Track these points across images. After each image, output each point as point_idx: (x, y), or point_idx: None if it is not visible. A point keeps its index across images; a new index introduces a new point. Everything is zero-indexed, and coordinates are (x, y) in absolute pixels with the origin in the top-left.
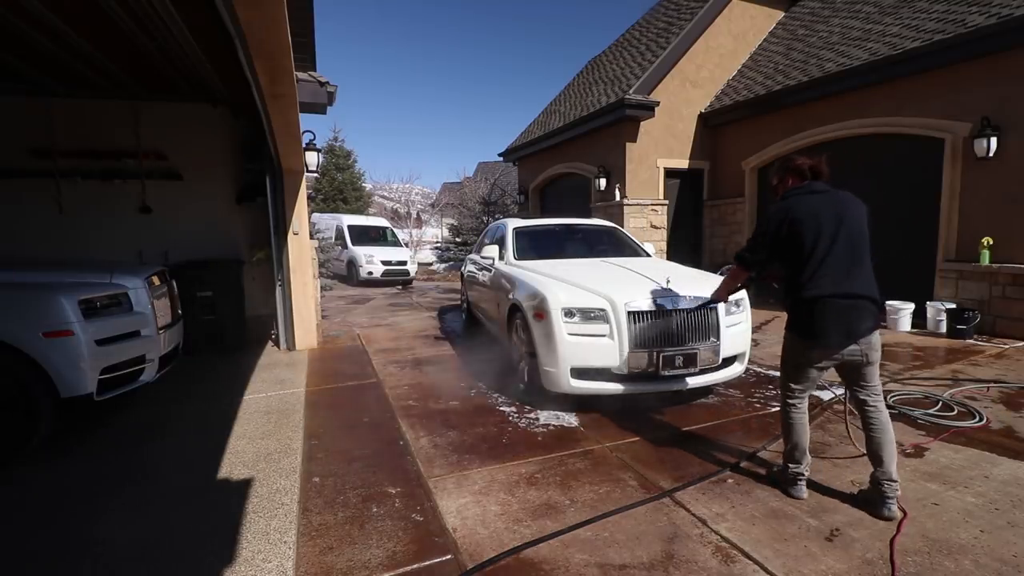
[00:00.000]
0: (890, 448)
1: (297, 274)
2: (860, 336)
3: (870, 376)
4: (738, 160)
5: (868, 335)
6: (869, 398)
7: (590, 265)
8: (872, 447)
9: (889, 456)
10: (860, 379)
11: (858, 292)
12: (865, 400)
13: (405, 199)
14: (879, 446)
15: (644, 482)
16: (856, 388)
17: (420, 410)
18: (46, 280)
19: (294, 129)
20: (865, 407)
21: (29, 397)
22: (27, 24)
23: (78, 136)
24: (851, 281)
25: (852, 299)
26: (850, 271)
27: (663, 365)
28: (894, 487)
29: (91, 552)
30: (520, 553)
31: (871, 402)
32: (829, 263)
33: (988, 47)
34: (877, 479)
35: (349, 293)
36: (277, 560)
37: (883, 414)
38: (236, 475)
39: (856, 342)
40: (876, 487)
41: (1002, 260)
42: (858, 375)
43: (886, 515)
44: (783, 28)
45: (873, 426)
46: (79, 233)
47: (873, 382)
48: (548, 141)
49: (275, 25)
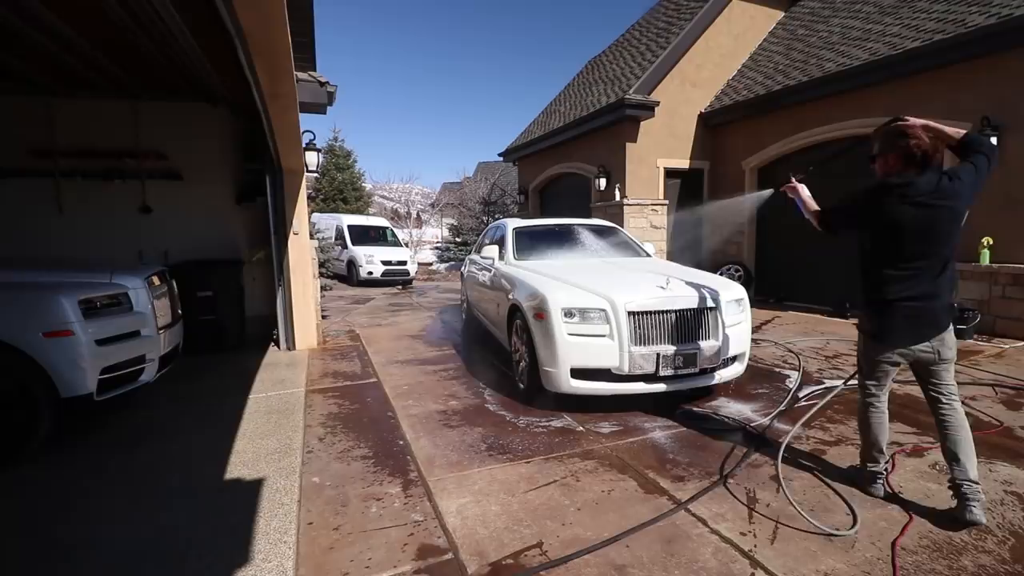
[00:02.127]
0: (966, 447)
1: (297, 274)
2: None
3: (943, 375)
4: (738, 160)
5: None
6: (942, 396)
7: (590, 265)
8: (947, 447)
9: (966, 456)
10: (932, 377)
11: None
12: (938, 398)
13: (405, 199)
14: (955, 445)
15: (644, 482)
16: (929, 387)
17: (420, 410)
18: (46, 280)
19: (294, 129)
20: (938, 405)
21: (29, 397)
22: (27, 24)
23: (78, 136)
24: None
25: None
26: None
27: (663, 365)
28: (975, 488)
29: (91, 552)
30: (524, 554)
31: (944, 400)
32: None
33: (988, 47)
34: (956, 481)
35: (349, 293)
36: (277, 560)
37: (958, 413)
38: (236, 475)
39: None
40: (955, 489)
41: (1002, 260)
42: (930, 373)
43: (968, 519)
44: (783, 28)
45: (947, 424)
46: (79, 233)
47: (947, 381)
48: (548, 141)
49: (275, 25)
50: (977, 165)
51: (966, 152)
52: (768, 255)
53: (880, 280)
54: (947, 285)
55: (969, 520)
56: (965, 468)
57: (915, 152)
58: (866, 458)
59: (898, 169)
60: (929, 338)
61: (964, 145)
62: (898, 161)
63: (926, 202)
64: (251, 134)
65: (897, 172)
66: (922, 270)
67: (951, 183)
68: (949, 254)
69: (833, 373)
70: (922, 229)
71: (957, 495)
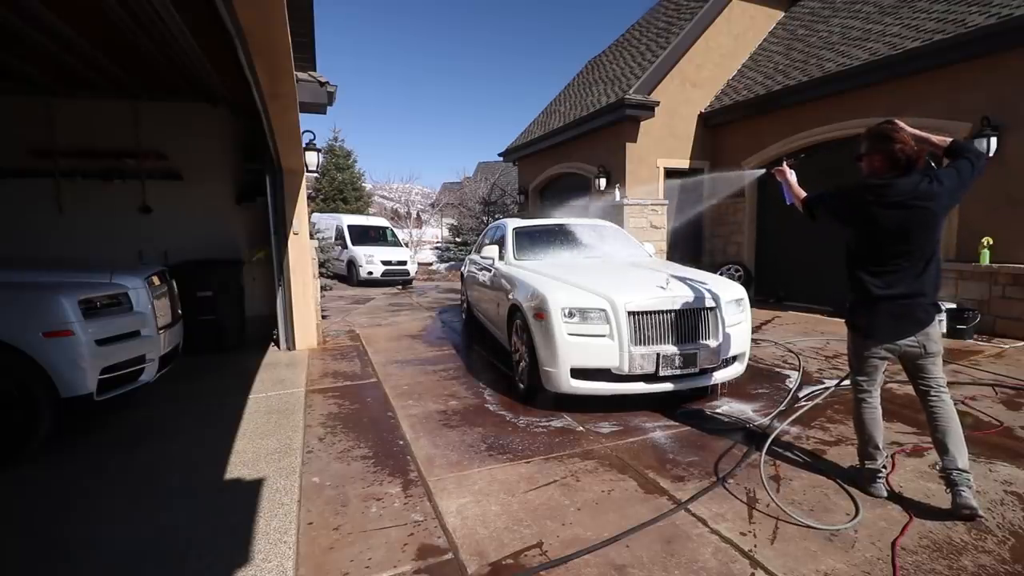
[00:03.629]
0: (955, 438)
1: (297, 274)
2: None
3: (931, 368)
4: (738, 160)
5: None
6: (931, 389)
7: (590, 265)
8: (937, 437)
9: (955, 446)
10: (920, 371)
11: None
12: (927, 391)
13: (405, 199)
14: (944, 435)
15: (644, 482)
16: (919, 380)
17: (420, 410)
18: (46, 280)
19: (294, 129)
20: (928, 398)
21: (29, 397)
22: (27, 24)
23: (78, 136)
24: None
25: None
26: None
27: (663, 365)
28: (964, 476)
29: (91, 552)
30: (525, 554)
31: (932, 392)
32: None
33: (988, 47)
34: (945, 469)
35: (349, 293)
36: (277, 560)
37: (946, 404)
38: (236, 475)
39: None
40: (946, 478)
41: (1002, 260)
42: (917, 368)
43: (959, 502)
44: (783, 28)
45: (936, 415)
46: (79, 233)
47: (935, 374)
48: (548, 141)
49: (275, 25)
50: (959, 169)
51: (952, 157)
52: (768, 255)
53: (864, 278)
54: (931, 282)
55: (960, 504)
56: (954, 458)
57: (899, 156)
58: (863, 455)
59: (882, 170)
60: (914, 333)
61: (950, 151)
62: (883, 163)
63: (904, 203)
64: (251, 134)
65: (881, 173)
66: (904, 268)
67: (931, 186)
68: (931, 253)
69: (833, 373)
70: (899, 229)
71: (948, 483)
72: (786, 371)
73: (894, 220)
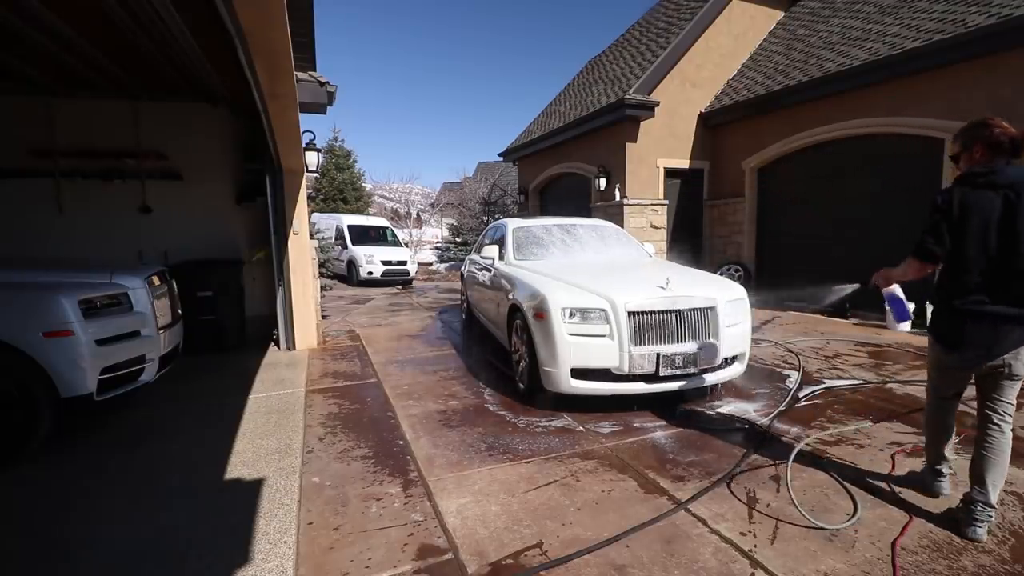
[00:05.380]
0: (997, 474)
1: (297, 274)
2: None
3: (1007, 391)
4: (738, 160)
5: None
6: (994, 415)
7: (590, 265)
8: (979, 464)
9: (993, 482)
10: (994, 391)
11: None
12: (990, 416)
13: (405, 199)
14: (987, 468)
15: (644, 482)
16: (987, 401)
17: (420, 410)
18: (46, 280)
19: (294, 129)
20: (988, 424)
21: (29, 397)
22: (27, 24)
23: (78, 136)
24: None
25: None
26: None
27: (663, 365)
28: (988, 512)
29: (91, 552)
30: (525, 554)
31: (995, 419)
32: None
33: (988, 47)
34: (972, 499)
35: (349, 293)
36: (277, 560)
37: (1005, 436)
38: (236, 475)
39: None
40: (967, 505)
41: None
42: (993, 388)
43: (970, 536)
44: (783, 28)
45: (988, 444)
46: (79, 233)
47: (1008, 399)
48: (548, 141)
49: (275, 25)
50: None
51: None
52: (768, 255)
53: (959, 284)
54: None
55: (970, 537)
56: (988, 493)
57: (1002, 139)
58: (933, 460)
59: (985, 159)
60: (1007, 351)
61: None
62: (984, 151)
63: (1018, 191)
64: (251, 134)
65: (983, 163)
66: (1006, 273)
67: None
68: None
69: (833, 373)
70: (1007, 221)
71: (966, 511)
72: (786, 371)
73: (1003, 208)
